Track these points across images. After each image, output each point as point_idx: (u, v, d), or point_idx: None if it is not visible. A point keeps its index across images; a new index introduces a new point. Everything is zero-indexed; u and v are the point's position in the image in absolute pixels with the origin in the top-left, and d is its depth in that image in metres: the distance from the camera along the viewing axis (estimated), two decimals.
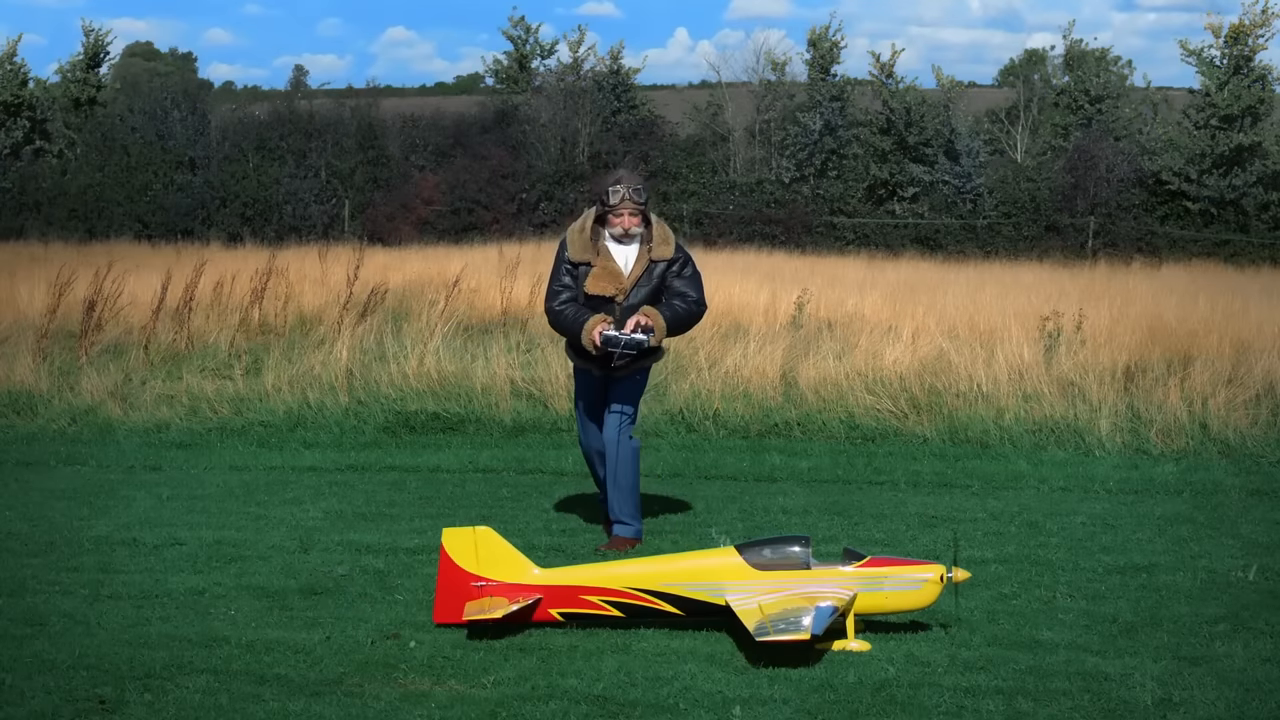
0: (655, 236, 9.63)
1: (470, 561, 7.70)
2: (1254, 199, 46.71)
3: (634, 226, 9.54)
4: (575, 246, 9.62)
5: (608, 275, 9.57)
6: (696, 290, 9.73)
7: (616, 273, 9.57)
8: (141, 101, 53.07)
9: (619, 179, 9.60)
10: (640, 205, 9.54)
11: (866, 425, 14.30)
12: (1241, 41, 47.95)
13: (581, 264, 9.60)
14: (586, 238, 9.60)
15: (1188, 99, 50.10)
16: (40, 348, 16.48)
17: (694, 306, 9.70)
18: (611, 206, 9.50)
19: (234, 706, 6.46)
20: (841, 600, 7.42)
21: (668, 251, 9.65)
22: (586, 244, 9.60)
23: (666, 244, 9.66)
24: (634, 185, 9.55)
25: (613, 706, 6.51)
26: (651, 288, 9.63)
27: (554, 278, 9.70)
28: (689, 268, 9.74)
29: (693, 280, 9.73)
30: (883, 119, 50.13)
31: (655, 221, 9.67)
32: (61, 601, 8.14)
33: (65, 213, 46.90)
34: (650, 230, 9.61)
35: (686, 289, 9.68)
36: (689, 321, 9.81)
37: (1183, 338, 16.98)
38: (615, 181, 9.58)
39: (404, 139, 51.93)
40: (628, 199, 9.47)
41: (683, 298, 9.67)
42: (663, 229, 9.71)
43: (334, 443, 13.88)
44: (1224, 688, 6.83)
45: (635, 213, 9.53)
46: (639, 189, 9.55)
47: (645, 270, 9.60)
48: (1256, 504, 11.67)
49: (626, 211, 9.50)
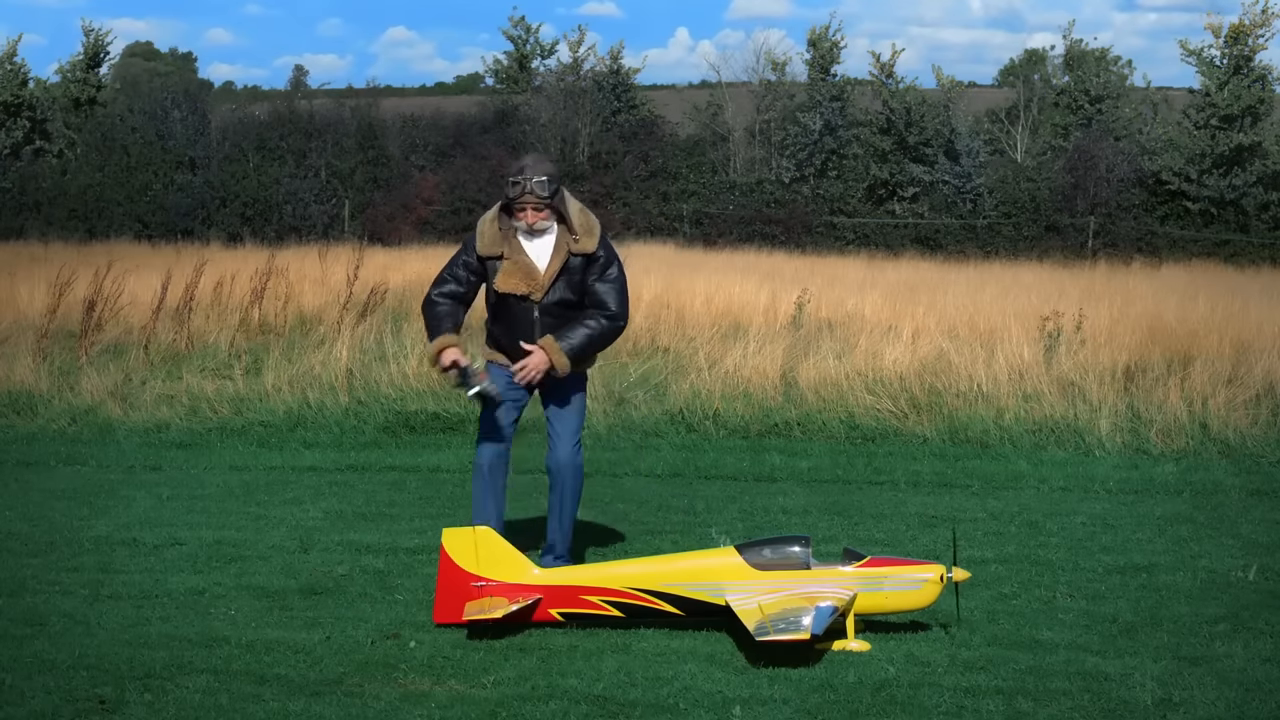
0: (577, 226, 8.47)
1: (470, 561, 7.70)
2: (1254, 199, 46.72)
3: (539, 222, 8.40)
4: (485, 239, 8.51)
5: (519, 271, 8.45)
6: (617, 300, 8.53)
7: (529, 268, 8.45)
8: (141, 101, 53.12)
9: (521, 167, 8.38)
10: (544, 200, 8.35)
11: (866, 425, 14.30)
12: (1241, 41, 47.96)
13: (490, 258, 8.50)
14: (497, 229, 8.50)
15: (1188, 99, 50.12)
16: (40, 348, 16.48)
17: (608, 324, 8.52)
18: (512, 199, 8.40)
19: (234, 706, 6.45)
20: (841, 600, 7.42)
21: (590, 245, 8.47)
22: (496, 236, 8.48)
23: (590, 236, 8.48)
24: (537, 176, 8.32)
25: (613, 706, 6.51)
26: (573, 284, 8.49)
27: (450, 264, 8.67)
28: (613, 269, 8.54)
29: (614, 287, 8.54)
30: (883, 119, 50.15)
31: (578, 210, 8.56)
32: (61, 601, 8.14)
33: (65, 213, 46.91)
34: (569, 221, 8.48)
35: (605, 298, 8.51)
36: (602, 344, 8.64)
37: (1183, 338, 16.98)
38: (517, 171, 8.38)
39: (404, 139, 51.95)
40: (529, 193, 8.35)
41: (598, 312, 8.51)
42: (586, 218, 8.54)
43: (334, 443, 13.88)
44: (1224, 688, 6.83)
45: (540, 207, 8.39)
46: (543, 180, 8.32)
47: (564, 265, 8.47)
48: (1256, 504, 11.66)
49: (529, 206, 8.38)
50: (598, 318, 8.49)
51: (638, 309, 19.80)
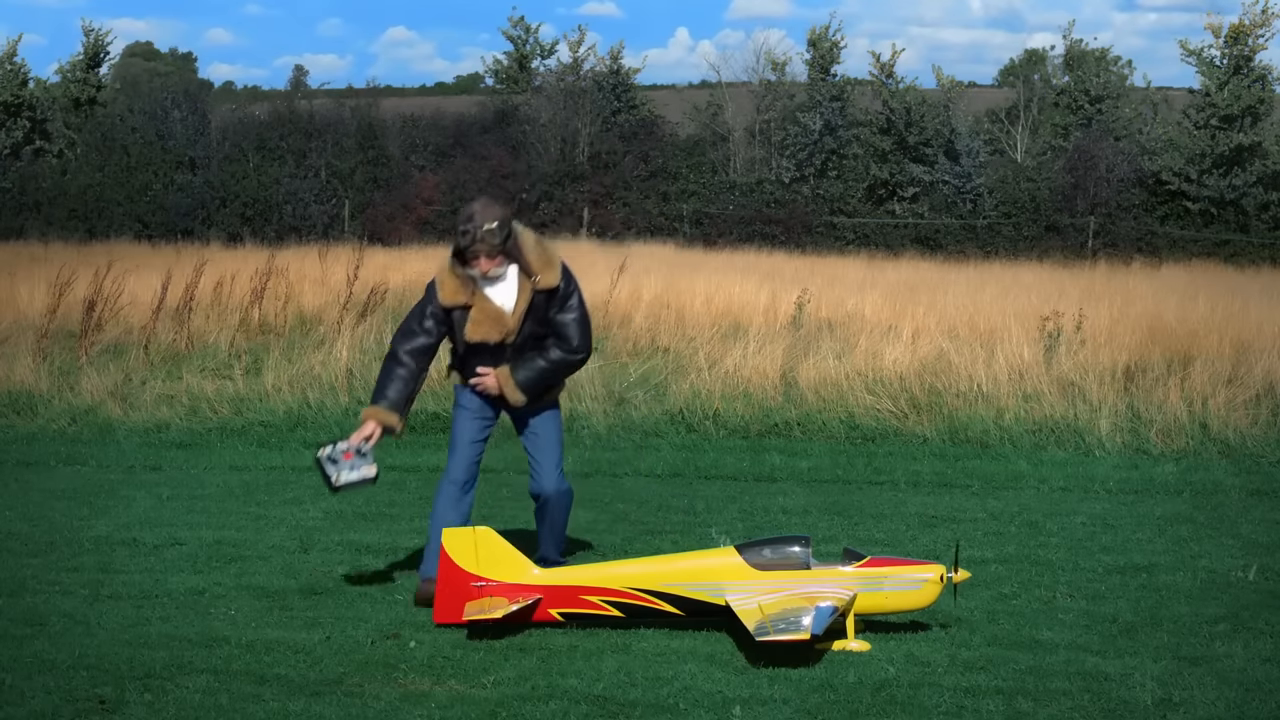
0: (535, 263, 8.13)
1: (470, 561, 7.70)
2: (1254, 199, 46.71)
3: (493, 269, 8.08)
4: (446, 289, 8.17)
5: (489, 319, 8.16)
6: (579, 333, 8.26)
7: (498, 315, 8.16)
8: (141, 101, 53.09)
9: (470, 214, 8.04)
10: (496, 246, 8.02)
11: (866, 425, 14.30)
12: (1241, 41, 47.95)
13: (455, 309, 8.19)
14: (456, 278, 8.17)
15: (1188, 99, 50.11)
16: (40, 348, 16.48)
17: (569, 356, 8.26)
18: (464, 248, 8.06)
19: (234, 706, 6.46)
20: (841, 600, 7.42)
21: (552, 279, 8.16)
22: (458, 286, 8.16)
23: (550, 269, 8.18)
24: (486, 224, 7.99)
25: (613, 706, 6.51)
26: (539, 320, 8.23)
27: (415, 315, 8.32)
28: (573, 299, 8.25)
29: (576, 319, 8.26)
30: (883, 119, 50.14)
31: (533, 244, 8.19)
32: (61, 601, 8.14)
33: (65, 213, 46.89)
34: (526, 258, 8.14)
35: (566, 330, 8.23)
36: (557, 378, 8.37)
37: (1183, 338, 16.99)
38: (466, 219, 8.03)
39: (404, 139, 51.93)
40: (480, 241, 8.01)
41: (559, 344, 8.24)
42: (543, 252, 8.20)
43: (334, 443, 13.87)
44: (1224, 688, 6.83)
45: (492, 254, 8.06)
46: (493, 228, 7.98)
47: (529, 304, 8.18)
48: (1256, 504, 11.67)
49: (481, 254, 8.04)
50: (556, 350, 8.24)
51: (637, 309, 19.82)
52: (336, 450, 8.06)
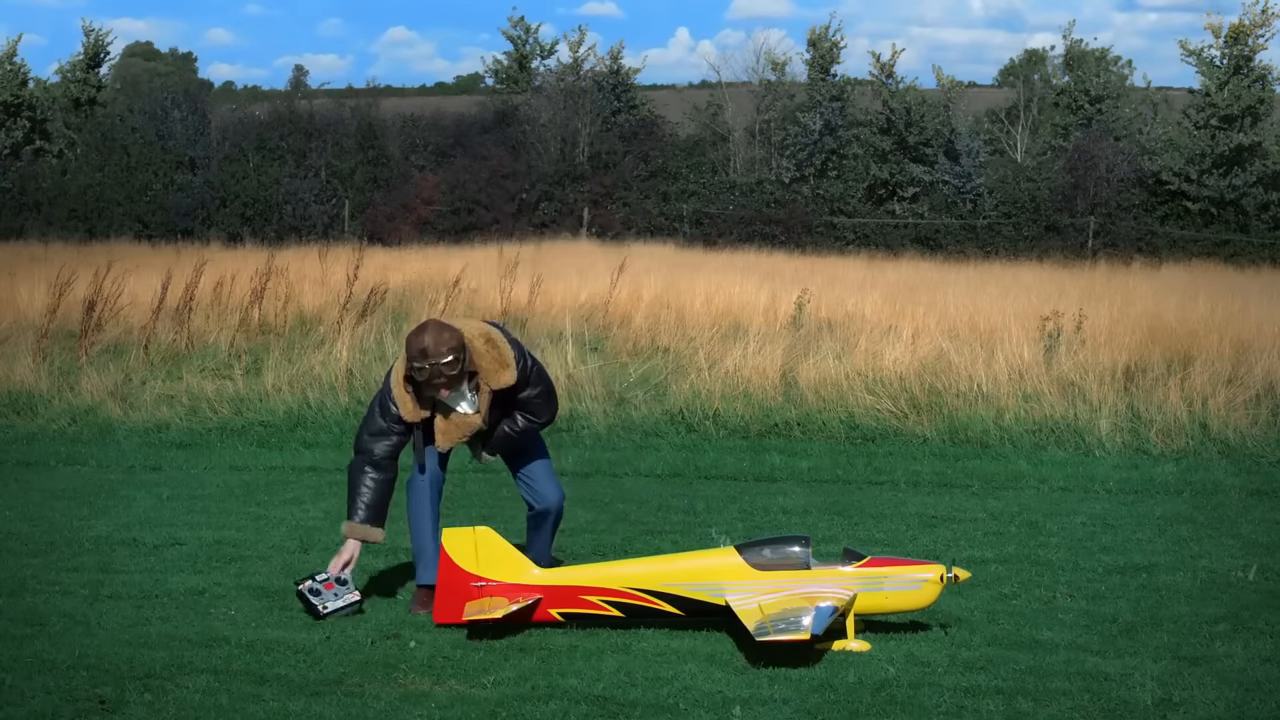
0: (489, 369, 8.05)
1: (470, 561, 7.71)
2: (1254, 199, 46.70)
3: (452, 393, 8.06)
4: (405, 406, 8.06)
5: (455, 428, 8.18)
6: (546, 407, 8.35)
7: (463, 421, 8.17)
8: (141, 101, 53.05)
9: (422, 350, 7.82)
10: (453, 376, 7.92)
11: (866, 425, 14.30)
12: (1241, 41, 47.94)
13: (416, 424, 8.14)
14: (411, 395, 8.07)
15: (1188, 99, 50.08)
16: (40, 348, 16.48)
17: (536, 423, 8.38)
18: (421, 383, 7.99)
19: (234, 706, 6.46)
20: (841, 600, 7.42)
21: (509, 377, 8.08)
22: (416, 404, 8.09)
23: (505, 369, 8.07)
24: (442, 359, 7.83)
25: (613, 706, 6.51)
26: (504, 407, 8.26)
27: (379, 416, 8.17)
28: (534, 377, 8.25)
29: (542, 395, 8.32)
30: (883, 119, 50.12)
31: (483, 347, 8.04)
32: (61, 601, 8.14)
33: (65, 213, 46.87)
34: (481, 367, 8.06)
35: (536, 409, 8.32)
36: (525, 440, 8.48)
37: (1183, 338, 16.98)
38: (419, 355, 7.83)
39: (404, 139, 51.91)
40: (437, 375, 7.89)
41: (527, 416, 8.32)
42: (496, 353, 8.06)
43: (334, 443, 13.88)
44: (1224, 688, 6.83)
45: (453, 383, 7.99)
46: (449, 360, 7.85)
47: (491, 402, 8.17)
48: (1256, 504, 11.67)
49: (440, 386, 7.97)
50: (523, 420, 8.32)
51: (637, 309, 19.82)
52: (317, 582, 8.03)
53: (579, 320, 18.54)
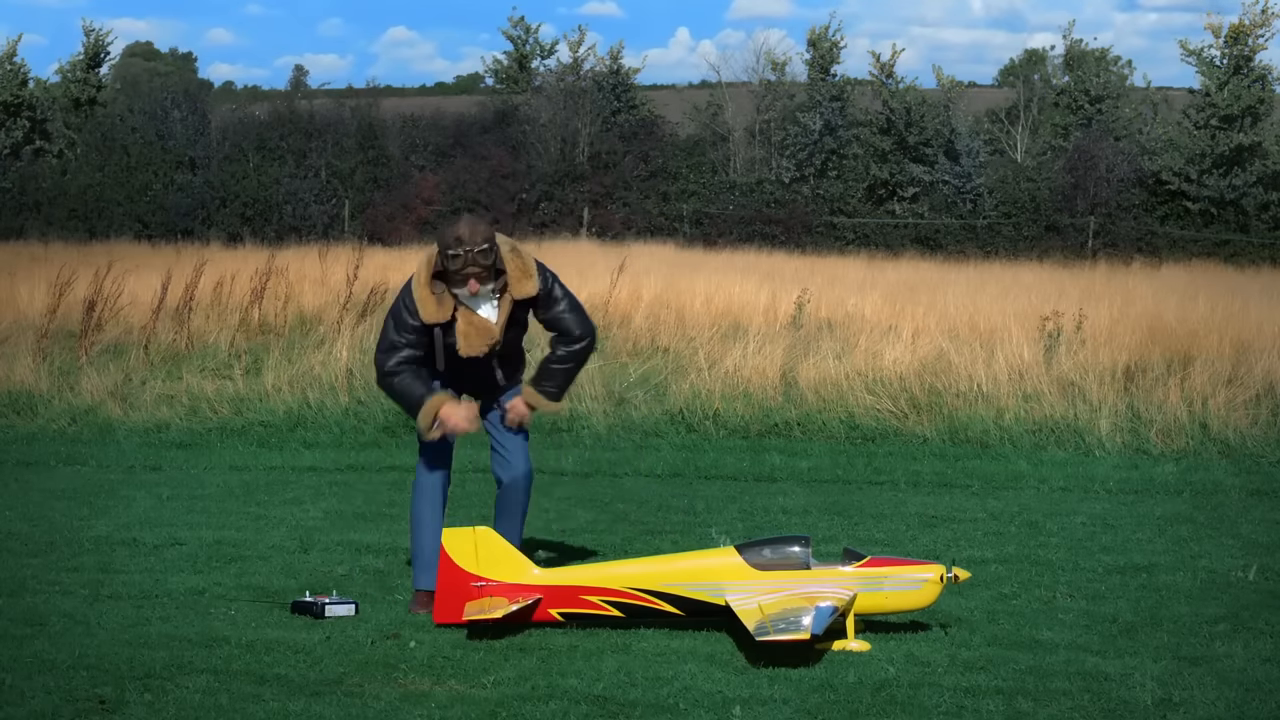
0: (513, 273, 8.05)
1: (470, 561, 7.70)
2: (1254, 199, 46.71)
3: (483, 289, 7.98)
4: (428, 308, 8.00)
5: (477, 333, 8.05)
6: (578, 322, 8.21)
7: (486, 328, 8.05)
8: (141, 101, 53.06)
9: (458, 236, 7.86)
10: (489, 267, 7.93)
11: (866, 425, 14.31)
12: (1241, 41, 47.95)
13: (436, 325, 8.05)
14: (435, 295, 8.02)
15: (1188, 99, 50.09)
16: (40, 348, 16.48)
17: (580, 346, 8.22)
18: (454, 271, 7.92)
19: (234, 706, 6.45)
20: (841, 600, 7.42)
21: (531, 287, 8.07)
22: (438, 304, 8.01)
23: (528, 278, 8.07)
24: (477, 246, 7.86)
25: (613, 706, 6.51)
26: (520, 323, 8.23)
27: (394, 329, 8.10)
28: (557, 292, 8.17)
29: (569, 309, 8.20)
30: (883, 119, 50.13)
31: (509, 251, 8.06)
32: (61, 601, 8.14)
33: (65, 213, 46.87)
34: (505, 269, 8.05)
35: (565, 325, 8.19)
36: (580, 368, 8.38)
37: (1183, 338, 16.99)
38: (455, 241, 7.86)
39: (404, 139, 51.91)
40: (472, 264, 7.89)
41: (563, 340, 8.21)
42: (520, 260, 8.09)
43: (334, 443, 13.89)
44: (1224, 688, 6.83)
45: (483, 276, 7.94)
46: (485, 249, 7.89)
47: (510, 313, 8.11)
48: (1256, 504, 11.67)
49: (472, 276, 7.92)
50: (563, 347, 8.22)
51: (637, 309, 19.81)
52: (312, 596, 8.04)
53: None
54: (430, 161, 50.74)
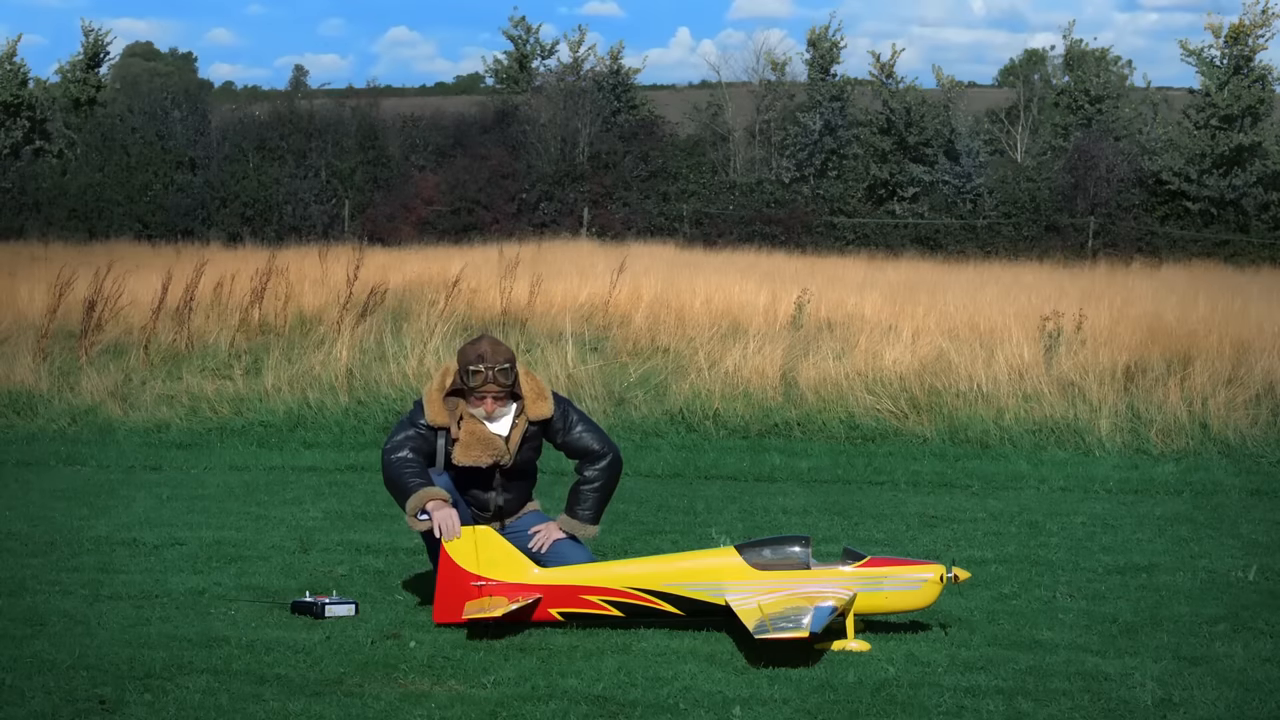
0: (528, 395, 8.07)
1: (470, 561, 7.70)
2: (1254, 199, 46.70)
3: (499, 409, 7.99)
4: (433, 409, 8.00)
5: (480, 443, 7.99)
6: (599, 439, 8.20)
7: (489, 439, 8.00)
8: (141, 101, 53.04)
9: (480, 354, 7.89)
10: (507, 387, 7.95)
11: (866, 425, 14.31)
12: (1241, 41, 47.94)
13: (441, 429, 8.02)
14: (443, 405, 8.02)
15: (1188, 99, 50.09)
16: (40, 348, 16.48)
17: (606, 463, 8.16)
18: (472, 389, 7.94)
19: (234, 706, 6.45)
20: (841, 600, 7.42)
21: (546, 409, 8.07)
22: (445, 411, 8.01)
23: (543, 400, 8.08)
24: (499, 364, 7.89)
25: (613, 706, 6.51)
26: (533, 448, 8.19)
27: (403, 428, 8.08)
28: (573, 418, 8.16)
29: (588, 429, 8.20)
30: (883, 119, 50.12)
31: (524, 375, 8.12)
32: (61, 601, 8.14)
33: (65, 213, 46.87)
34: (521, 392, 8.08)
35: (588, 444, 8.15)
36: (612, 485, 8.23)
37: (1183, 338, 16.99)
38: (476, 359, 7.88)
39: (404, 139, 51.90)
40: (492, 381, 7.91)
41: (588, 462, 8.15)
42: (533, 383, 8.13)
43: (334, 443, 13.89)
44: (1224, 688, 6.83)
45: (501, 395, 7.97)
46: (505, 368, 7.91)
47: (524, 435, 8.09)
48: (1256, 504, 11.68)
49: (490, 395, 7.94)
50: (590, 469, 8.16)
51: (637, 309, 19.82)
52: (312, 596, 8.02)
53: (579, 320, 18.54)
54: (430, 161, 50.73)
